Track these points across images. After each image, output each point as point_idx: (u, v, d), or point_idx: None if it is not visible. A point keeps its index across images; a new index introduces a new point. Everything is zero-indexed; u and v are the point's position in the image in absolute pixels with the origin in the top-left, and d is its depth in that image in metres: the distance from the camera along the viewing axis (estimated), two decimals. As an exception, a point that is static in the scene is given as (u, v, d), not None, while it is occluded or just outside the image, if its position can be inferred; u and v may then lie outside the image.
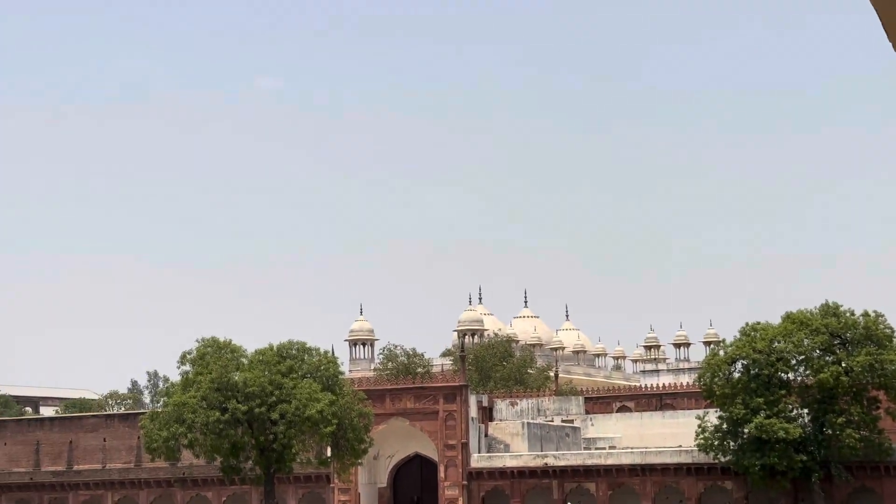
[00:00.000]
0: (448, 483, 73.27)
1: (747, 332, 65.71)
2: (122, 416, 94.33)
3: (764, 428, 61.71)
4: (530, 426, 77.36)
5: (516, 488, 72.71)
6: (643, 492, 70.25)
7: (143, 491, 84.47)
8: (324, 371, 58.01)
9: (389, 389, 75.74)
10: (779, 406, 62.92)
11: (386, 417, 73.81)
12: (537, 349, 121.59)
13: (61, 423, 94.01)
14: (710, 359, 68.27)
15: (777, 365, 63.71)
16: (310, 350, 59.15)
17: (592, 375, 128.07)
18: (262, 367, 56.49)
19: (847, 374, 62.86)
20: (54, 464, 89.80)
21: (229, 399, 54.48)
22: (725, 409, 64.63)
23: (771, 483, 64.15)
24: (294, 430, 54.69)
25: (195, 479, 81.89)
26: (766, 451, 62.45)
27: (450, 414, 73.60)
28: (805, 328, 64.31)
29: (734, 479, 67.86)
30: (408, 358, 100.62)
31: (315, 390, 55.34)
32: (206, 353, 56.97)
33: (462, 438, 73.21)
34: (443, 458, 73.56)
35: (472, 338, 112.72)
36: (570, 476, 71.85)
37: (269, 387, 54.77)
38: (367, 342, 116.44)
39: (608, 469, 71.06)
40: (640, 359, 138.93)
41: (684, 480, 69.61)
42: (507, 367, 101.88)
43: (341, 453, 58.50)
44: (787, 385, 64.62)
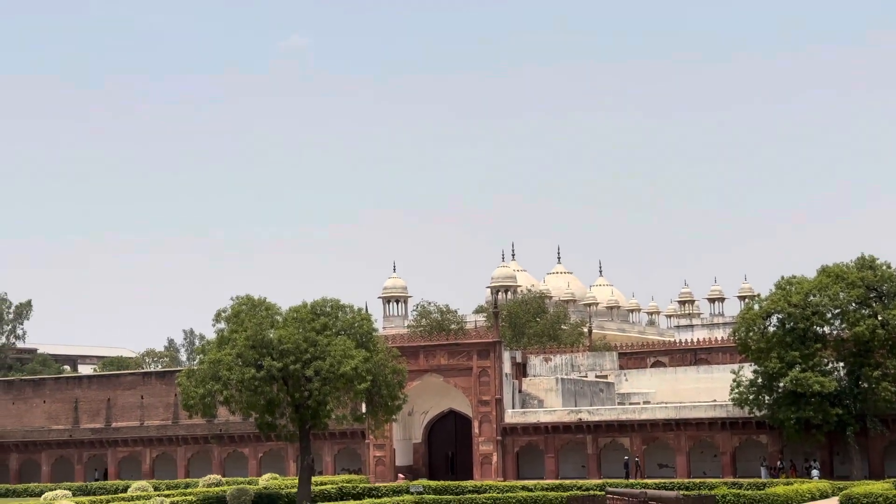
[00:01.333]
0: (482, 438, 73.59)
1: (782, 286, 65.28)
2: (159, 374, 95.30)
3: (799, 382, 61.46)
4: (564, 382, 77.46)
5: (550, 443, 72.93)
6: (677, 446, 70.26)
7: (180, 447, 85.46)
8: (358, 328, 58.16)
9: (423, 346, 75.99)
10: (814, 360, 62.61)
11: (420, 374, 74.13)
12: (571, 305, 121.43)
13: (99, 381, 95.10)
14: (744, 313, 67.89)
15: (812, 319, 63.31)
16: (343, 307, 59.29)
17: (626, 331, 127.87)
18: (296, 324, 56.70)
19: (883, 328, 62.41)
20: (93, 421, 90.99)
21: (264, 356, 54.79)
22: (760, 363, 64.38)
23: (806, 437, 63.98)
24: (329, 387, 54.97)
25: (232, 436, 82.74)
26: (802, 404, 62.24)
27: (483, 370, 73.79)
28: (841, 281, 63.79)
29: (769, 433, 67.74)
30: (441, 315, 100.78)
31: (349, 347, 55.53)
32: (240, 310, 57.23)
33: (496, 394, 73.42)
34: (477, 414, 73.84)
35: (506, 294, 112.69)
36: (604, 431, 71.96)
37: (303, 344, 55.01)
38: (400, 299, 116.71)
39: (642, 424, 71.08)
40: (675, 314, 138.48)
41: (719, 435, 69.55)
42: (541, 324, 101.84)
43: (376, 410, 58.79)
44: (822, 339, 64.24)
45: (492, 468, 72.75)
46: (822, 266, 65.82)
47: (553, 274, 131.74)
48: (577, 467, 72.96)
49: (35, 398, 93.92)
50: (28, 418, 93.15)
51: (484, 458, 73.36)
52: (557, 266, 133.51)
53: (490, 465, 72.93)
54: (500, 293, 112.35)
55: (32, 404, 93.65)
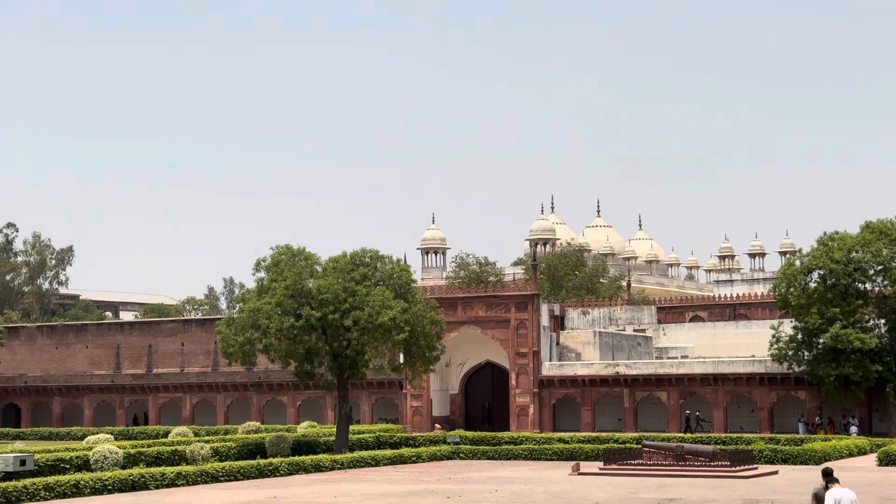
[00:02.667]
0: (519, 391, 73.85)
1: (824, 242, 64.72)
2: (199, 322, 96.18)
3: (839, 338, 61.09)
4: (602, 335, 77.45)
5: (587, 396, 73.07)
6: (715, 401, 70.20)
7: (220, 394, 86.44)
8: (396, 279, 58.22)
9: (461, 297, 76.13)
10: (855, 316, 62.16)
11: (458, 325, 74.35)
12: (610, 259, 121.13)
13: (141, 327, 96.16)
14: (785, 269, 67.39)
15: (854, 275, 62.78)
16: (383, 258, 59.33)
17: (665, 285, 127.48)
18: (335, 274, 56.84)
19: (926, 285, 61.82)
20: (134, 367, 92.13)
21: (303, 305, 55.02)
22: (800, 319, 64.01)
23: (845, 393, 63.71)
24: (367, 337, 55.16)
25: (270, 384, 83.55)
26: (841, 361, 61.90)
27: (521, 322, 73.88)
28: (884, 238, 63.13)
29: (807, 389, 67.51)
30: (479, 266, 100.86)
31: (388, 298, 55.64)
32: (280, 260, 57.41)
33: (533, 346, 73.55)
34: (514, 366, 74.05)
35: (545, 247, 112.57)
36: (642, 385, 71.99)
37: (342, 294, 55.17)
38: (439, 251, 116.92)
39: (679, 378, 71.03)
40: (714, 268, 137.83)
41: (757, 390, 69.39)
42: (579, 277, 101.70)
43: (413, 360, 58.98)
44: (864, 295, 63.72)
45: (528, 420, 73.06)
46: (866, 222, 65.18)
47: (592, 227, 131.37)
48: (614, 420, 73.12)
49: (77, 343, 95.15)
50: (70, 363, 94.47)
51: (521, 410, 73.66)
52: (597, 219, 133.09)
53: (527, 416, 73.24)
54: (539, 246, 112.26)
55: (75, 349, 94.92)
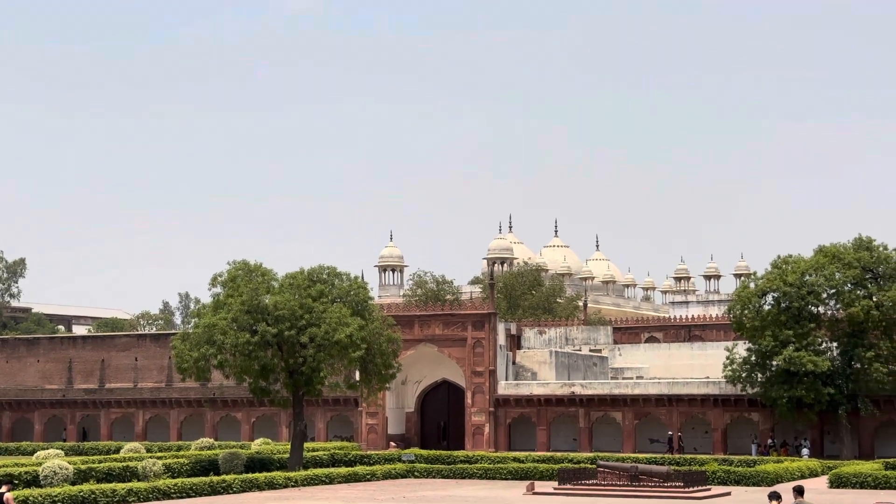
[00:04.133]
0: (475, 409, 73.80)
1: (778, 265, 65.34)
2: (153, 336, 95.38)
3: (792, 360, 61.59)
4: (558, 355, 77.61)
5: (542, 416, 73.16)
6: (669, 422, 70.51)
7: (173, 410, 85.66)
8: (353, 296, 58.13)
9: (418, 315, 76.06)
10: (808, 339, 62.72)
11: (414, 343, 74.22)
12: (567, 278, 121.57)
13: (94, 341, 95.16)
14: (740, 291, 67.94)
15: (808, 298, 63.41)
16: (340, 275, 59.23)
17: (621, 306, 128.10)
18: (292, 290, 56.65)
19: (878, 309, 62.51)
20: (86, 382, 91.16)
21: (259, 321, 54.75)
22: (754, 341, 64.50)
23: (798, 415, 64.22)
24: (323, 354, 54.97)
25: (225, 400, 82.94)
26: (794, 383, 62.40)
27: (478, 341, 73.90)
28: (837, 262, 63.86)
29: (760, 411, 67.99)
30: (437, 285, 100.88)
31: (344, 315, 55.51)
32: (237, 275, 57.12)
33: (490, 365, 73.57)
34: (470, 385, 74.02)
35: (502, 266, 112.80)
36: (597, 405, 72.18)
37: (299, 310, 54.96)
38: (396, 268, 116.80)
39: (634, 399, 71.31)
40: (670, 290, 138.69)
41: (711, 411, 69.80)
42: (536, 296, 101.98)
43: (369, 378, 58.84)
44: (816, 318, 64.34)
45: (483, 439, 73.01)
46: (819, 246, 65.93)
47: (550, 247, 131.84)
48: (569, 440, 73.26)
49: (29, 357, 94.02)
50: (22, 377, 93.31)
51: (476, 429, 73.59)
52: (554, 239, 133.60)
53: (482, 435, 73.20)
54: (497, 265, 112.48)
55: (26, 363, 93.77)
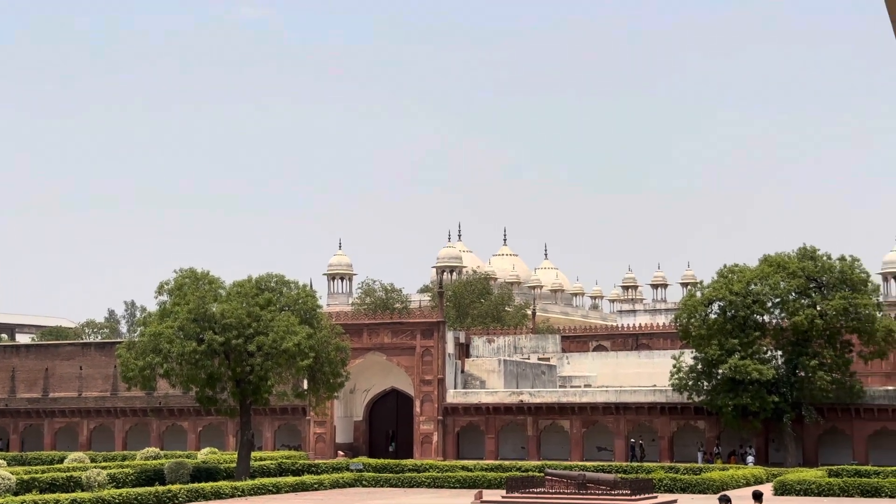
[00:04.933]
0: (423, 418, 73.76)
1: (724, 274, 66.01)
2: (98, 345, 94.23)
3: (738, 369, 62.20)
4: (506, 363, 77.78)
5: (491, 424, 73.26)
6: (616, 430, 70.91)
7: (118, 419, 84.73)
8: (302, 304, 57.92)
9: (367, 324, 75.92)
10: (753, 347, 63.40)
11: (363, 352, 74.05)
12: (515, 287, 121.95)
13: (37, 350, 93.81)
14: (686, 300, 68.58)
15: (753, 307, 64.11)
16: (288, 283, 59.00)
17: (569, 314, 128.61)
18: (239, 298, 56.34)
19: (822, 318, 63.35)
20: (30, 391, 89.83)
21: (206, 330, 54.34)
22: (700, 349, 65.08)
23: (743, 423, 64.84)
24: (271, 363, 54.69)
25: (171, 409, 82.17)
26: (740, 391, 63.02)
27: (427, 350, 73.89)
28: (782, 271, 64.65)
29: (707, 419, 68.57)
30: (386, 293, 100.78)
31: (293, 323, 55.27)
32: (183, 283, 56.69)
33: (438, 374, 73.58)
34: (419, 393, 73.97)
35: (451, 274, 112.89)
36: (545, 413, 72.44)
37: (246, 319, 54.65)
38: (345, 276, 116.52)
39: (582, 407, 71.64)
40: (618, 299, 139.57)
41: (658, 419, 70.30)
42: (485, 305, 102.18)
43: (317, 386, 58.60)
44: (762, 327, 65.08)
45: (432, 447, 72.98)
46: (764, 255, 66.72)
47: (498, 256, 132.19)
48: (517, 448, 73.42)
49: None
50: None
51: (424, 438, 73.56)
52: (503, 248, 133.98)
53: (430, 444, 73.16)
54: (445, 273, 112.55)
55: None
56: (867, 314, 63.39)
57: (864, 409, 65.63)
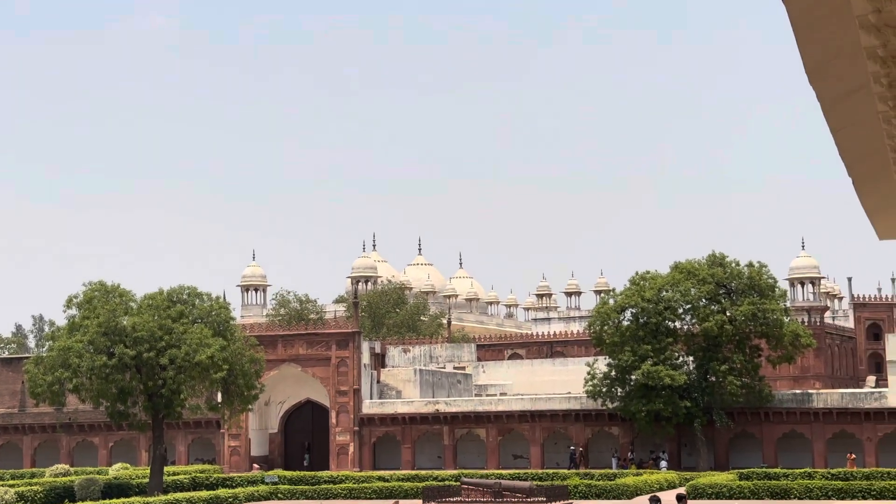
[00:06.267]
0: (339, 429, 73.43)
1: (636, 282, 66.86)
2: (5, 361, 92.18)
3: (651, 375, 63.01)
4: (422, 373, 77.83)
5: (407, 434, 73.21)
6: (532, 438, 71.34)
7: (27, 436, 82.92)
8: (215, 316, 57.39)
9: (282, 335, 75.40)
10: (665, 354, 64.31)
11: (278, 363, 73.52)
12: (430, 297, 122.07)
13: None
14: (599, 307, 69.33)
15: (665, 314, 65.02)
16: (201, 295, 58.45)
17: (485, 323, 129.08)
18: (151, 311, 55.66)
19: (731, 323, 64.46)
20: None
21: (117, 344, 53.58)
22: (614, 356, 65.80)
23: (656, 428, 65.67)
24: (184, 376, 54.09)
25: (81, 425, 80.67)
26: (652, 397, 63.82)
27: (342, 360, 73.61)
28: (692, 277, 65.70)
29: (621, 425, 69.30)
30: (300, 304, 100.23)
31: (206, 336, 54.74)
32: (93, 296, 55.84)
33: (354, 384, 73.33)
34: (334, 404, 73.63)
35: (366, 285, 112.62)
36: (461, 422, 72.62)
37: (158, 332, 53.99)
38: (259, 288, 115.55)
39: (498, 415, 71.94)
40: (532, 307, 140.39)
41: (573, 426, 70.86)
42: (400, 314, 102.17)
43: (231, 399, 58.07)
44: (673, 333, 66.03)
45: (348, 458, 72.68)
46: (675, 262, 67.76)
47: (413, 265, 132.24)
48: (434, 458, 73.45)
49: None
50: None
51: (340, 449, 73.22)
52: (418, 257, 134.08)
53: (346, 455, 72.86)
54: (360, 283, 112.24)
55: None
56: (775, 319, 64.69)
57: (772, 412, 66.94)
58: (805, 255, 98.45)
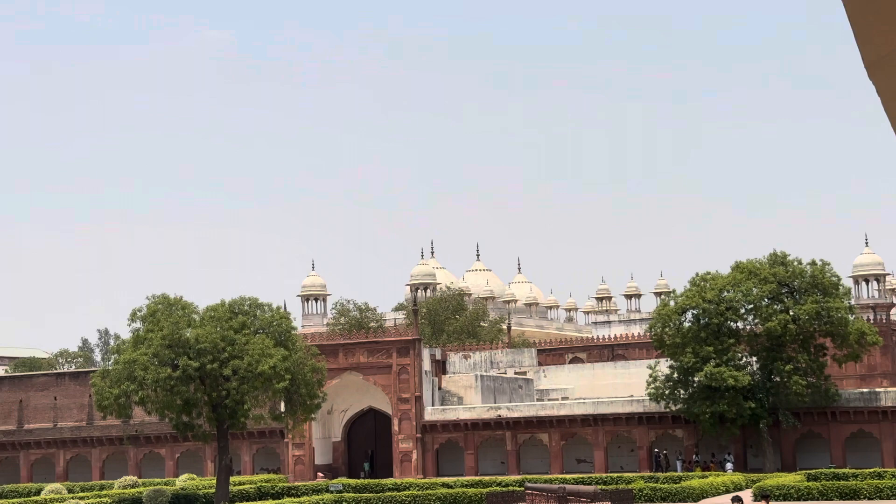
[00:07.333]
0: (402, 436, 73.58)
1: (697, 283, 66.27)
2: (72, 375, 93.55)
3: (713, 376, 62.43)
4: (483, 379, 77.75)
5: (470, 440, 73.16)
6: (595, 441, 70.95)
7: (95, 449, 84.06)
8: (276, 326, 57.79)
9: (342, 344, 75.71)
10: (728, 354, 63.67)
11: (339, 372, 73.85)
12: (490, 302, 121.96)
13: (11, 381, 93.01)
14: (660, 309, 68.79)
15: (726, 314, 64.37)
16: (262, 306, 58.87)
17: (545, 327, 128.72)
18: (213, 323, 56.17)
19: (794, 322, 63.68)
20: (4, 423, 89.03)
21: (181, 356, 54.17)
22: (676, 358, 65.30)
23: (720, 430, 65.03)
24: (247, 386, 54.53)
25: (148, 437, 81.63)
26: (716, 398, 63.23)
27: (403, 368, 73.77)
28: (754, 277, 64.97)
29: (684, 427, 68.73)
30: (360, 312, 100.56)
31: (268, 346, 55.14)
32: (156, 309, 56.49)
33: (415, 392, 73.45)
34: (396, 412, 73.79)
35: (425, 292, 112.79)
36: (523, 427, 72.41)
37: (221, 343, 54.48)
38: (319, 297, 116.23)
39: (560, 420, 71.66)
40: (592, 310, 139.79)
41: (636, 429, 70.38)
42: (460, 321, 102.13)
43: (294, 408, 58.44)
44: (736, 334, 65.34)
45: (411, 465, 72.78)
46: (736, 262, 67.03)
47: (472, 271, 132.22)
48: (497, 464, 73.32)
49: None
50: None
51: (404, 456, 73.35)
52: (476, 263, 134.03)
53: (410, 462, 72.95)
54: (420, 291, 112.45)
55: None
56: (840, 317, 63.78)
57: (839, 412, 66.00)
58: (869, 251, 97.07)
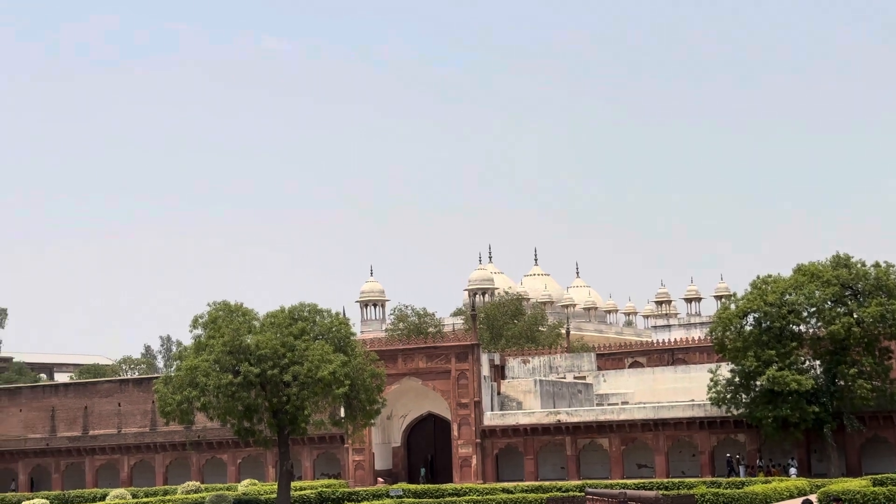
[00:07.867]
0: (461, 441, 73.56)
1: (758, 286, 65.51)
2: (136, 381, 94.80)
3: (776, 380, 61.68)
4: (542, 383, 77.52)
5: (529, 445, 72.96)
6: (656, 446, 70.42)
7: (158, 454, 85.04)
8: (335, 332, 58.08)
9: (401, 349, 75.87)
10: (790, 358, 62.86)
11: (398, 377, 74.01)
12: (548, 307, 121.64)
13: (76, 388, 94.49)
14: (721, 313, 68.06)
15: (788, 317, 63.57)
16: (321, 312, 59.21)
17: (604, 332, 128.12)
18: (273, 329, 56.59)
19: (858, 325, 62.72)
20: (70, 429, 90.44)
21: (242, 362, 54.64)
22: (737, 362, 64.59)
23: (784, 434, 64.24)
24: (307, 392, 54.86)
25: (210, 442, 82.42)
26: (779, 402, 62.47)
27: (462, 373, 73.75)
28: (816, 280, 64.08)
29: (747, 432, 67.97)
30: (419, 318, 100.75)
31: (327, 352, 55.45)
32: (217, 316, 57.04)
33: (474, 397, 73.40)
34: (456, 417, 73.79)
35: (483, 297, 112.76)
36: (583, 432, 72.06)
37: (281, 349, 54.87)
38: (378, 303, 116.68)
39: (621, 424, 71.21)
40: (652, 314, 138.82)
41: (697, 434, 69.75)
42: (519, 325, 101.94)
43: (354, 414, 58.69)
44: (798, 337, 64.51)
45: (471, 471, 72.72)
46: (798, 265, 66.14)
47: (530, 276, 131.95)
48: (557, 468, 73.04)
49: (11, 407, 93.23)
50: (4, 427, 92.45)
51: (463, 461, 73.31)
52: (534, 268, 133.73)
53: (469, 467, 72.91)
54: (478, 296, 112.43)
55: (9, 413, 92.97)
56: (904, 320, 62.68)
57: (906, 416, 64.88)
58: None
